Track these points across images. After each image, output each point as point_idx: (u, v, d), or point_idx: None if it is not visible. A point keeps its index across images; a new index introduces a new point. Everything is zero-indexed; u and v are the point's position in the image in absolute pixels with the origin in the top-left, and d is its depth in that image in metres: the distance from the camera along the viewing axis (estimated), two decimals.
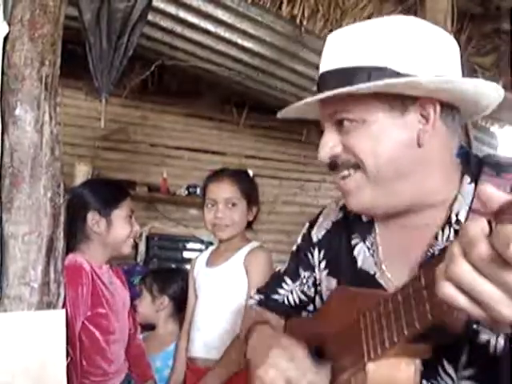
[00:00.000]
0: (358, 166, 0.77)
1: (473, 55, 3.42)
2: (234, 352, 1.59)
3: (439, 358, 0.72)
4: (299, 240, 1.07)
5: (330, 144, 0.80)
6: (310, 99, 0.78)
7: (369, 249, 0.86)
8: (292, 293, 1.04)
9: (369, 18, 3.16)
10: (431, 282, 0.53)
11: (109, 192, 1.66)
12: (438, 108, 0.75)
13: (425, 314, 0.56)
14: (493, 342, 0.69)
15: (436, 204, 0.79)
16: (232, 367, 1.59)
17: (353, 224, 0.91)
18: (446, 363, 0.72)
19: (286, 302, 1.05)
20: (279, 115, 0.89)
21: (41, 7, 1.20)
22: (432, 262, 0.57)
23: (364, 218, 0.89)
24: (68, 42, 1.43)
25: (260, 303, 1.10)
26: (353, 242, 0.89)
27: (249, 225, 1.83)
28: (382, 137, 0.75)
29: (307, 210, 4.31)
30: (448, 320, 0.57)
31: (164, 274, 2.38)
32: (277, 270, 1.13)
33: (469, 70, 3.13)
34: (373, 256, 0.85)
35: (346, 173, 0.79)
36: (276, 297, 1.06)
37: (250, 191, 1.80)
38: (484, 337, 0.69)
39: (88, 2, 1.75)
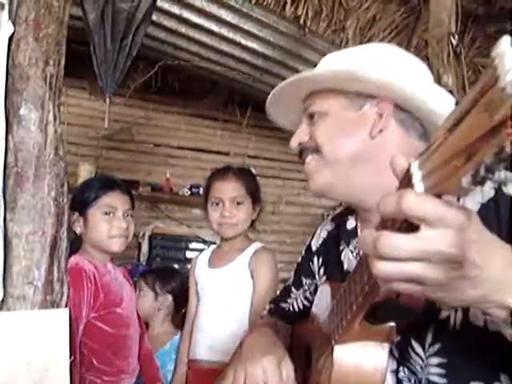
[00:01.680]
0: (317, 150, 0.88)
1: (476, 56, 3.41)
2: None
3: (407, 340, 0.76)
4: (303, 252, 1.16)
5: (300, 134, 0.92)
6: (278, 87, 0.92)
7: (352, 252, 0.94)
8: (297, 300, 1.14)
9: (373, 18, 3.16)
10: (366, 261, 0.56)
11: (85, 190, 1.62)
12: (391, 108, 0.85)
13: (363, 287, 0.58)
14: (453, 316, 0.72)
15: None
16: None
17: (341, 232, 1.00)
18: (414, 343, 0.75)
19: (292, 309, 1.15)
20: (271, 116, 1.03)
21: (45, 7, 1.21)
22: None
23: (348, 226, 0.98)
24: (72, 41, 1.43)
25: (270, 312, 1.19)
26: (340, 248, 0.98)
27: (252, 224, 1.82)
28: (338, 126, 0.87)
29: (310, 210, 4.31)
30: (406, 300, 0.61)
31: (167, 271, 2.37)
32: (287, 284, 1.21)
33: (472, 71, 3.12)
34: (356, 258, 0.92)
35: (309, 157, 0.90)
36: (284, 305, 1.17)
37: (254, 189, 1.79)
38: (445, 313, 0.73)
39: (92, 2, 1.75)
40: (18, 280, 1.15)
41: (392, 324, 0.67)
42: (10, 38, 1.18)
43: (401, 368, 0.77)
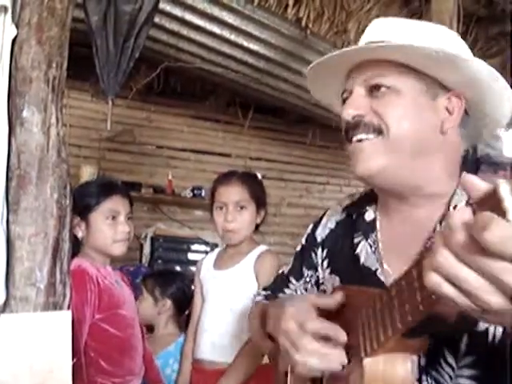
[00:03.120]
0: (379, 130, 0.79)
1: (479, 57, 3.41)
2: (247, 354, 1.59)
3: (440, 348, 0.73)
4: (303, 240, 1.09)
5: (358, 104, 0.81)
6: (355, 47, 0.82)
7: (371, 246, 0.87)
8: (296, 292, 1.06)
9: None
10: (421, 273, 0.53)
11: (86, 194, 1.60)
12: (464, 106, 0.81)
13: (416, 306, 0.56)
14: (491, 329, 0.69)
15: (435, 196, 0.81)
16: (247, 369, 1.60)
17: (356, 223, 0.93)
18: (446, 352, 0.73)
19: None
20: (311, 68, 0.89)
21: (48, 10, 1.21)
22: (424, 253, 0.57)
23: (367, 218, 0.91)
24: (75, 43, 1.44)
25: (267, 298, 1.11)
26: (355, 241, 0.91)
27: (256, 227, 1.83)
28: (412, 111, 0.79)
29: (312, 212, 4.31)
30: (440, 311, 0.57)
31: (165, 276, 2.37)
32: (280, 271, 1.15)
33: None
34: (374, 253, 0.86)
35: (364, 136, 0.80)
36: (281, 295, 1.07)
37: (258, 194, 1.80)
38: (483, 325, 0.70)
39: (95, 5, 1.76)
40: (21, 282, 1.15)
41: (425, 337, 0.66)
42: (13, 41, 1.18)
43: (424, 377, 0.74)
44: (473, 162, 0.83)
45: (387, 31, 0.84)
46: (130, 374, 1.57)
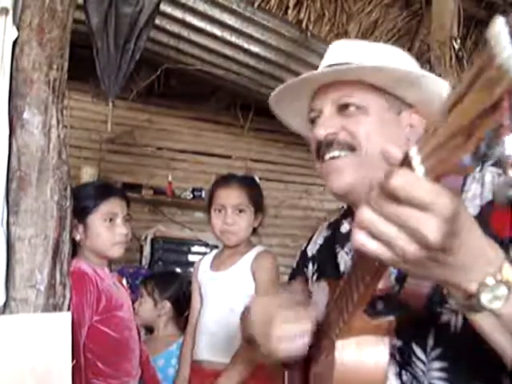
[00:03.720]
0: (352, 148, 0.83)
1: None
2: (243, 355, 1.60)
3: (408, 344, 0.75)
4: (297, 257, 1.14)
5: (329, 123, 0.85)
6: (321, 70, 0.87)
7: (347, 253, 0.93)
8: None
9: (375, 22, 3.17)
10: None
11: (84, 196, 1.58)
12: (423, 122, 0.85)
13: (363, 276, 0.58)
14: (453, 320, 0.72)
15: None
16: (244, 370, 1.61)
17: (336, 237, 0.99)
18: (415, 347, 0.75)
19: None
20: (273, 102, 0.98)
21: (49, 12, 1.22)
22: None
23: (342, 230, 0.97)
24: (75, 45, 1.44)
25: None
26: (336, 251, 0.96)
27: (253, 231, 1.83)
28: (380, 127, 0.83)
29: (312, 213, 4.31)
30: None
31: (165, 277, 2.37)
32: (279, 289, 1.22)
33: None
34: (351, 260, 0.91)
35: (337, 153, 0.84)
36: None
37: (257, 198, 1.81)
38: (446, 317, 0.72)
39: (96, 7, 1.76)
40: (21, 283, 1.15)
41: (391, 318, 0.67)
42: (14, 43, 1.18)
43: (403, 372, 0.77)
44: None
45: (348, 53, 0.89)
46: (127, 375, 1.57)
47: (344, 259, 0.94)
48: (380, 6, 3.18)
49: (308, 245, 1.10)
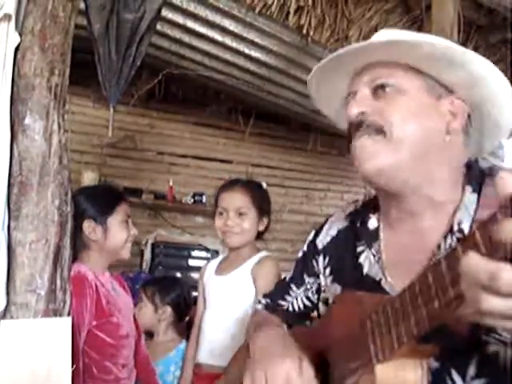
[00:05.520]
0: (381, 130, 0.79)
1: None
2: (242, 359, 1.59)
3: (447, 368, 0.71)
4: (305, 247, 1.08)
5: (363, 102, 0.82)
6: (363, 43, 0.82)
7: (374, 256, 0.86)
8: (297, 299, 1.06)
9: (375, 28, 3.18)
10: (440, 281, 0.53)
11: (103, 198, 1.64)
12: (467, 110, 0.81)
13: (434, 312, 0.55)
14: (502, 353, 0.68)
15: (438, 203, 0.80)
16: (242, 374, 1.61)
17: (359, 231, 0.91)
18: (453, 373, 0.71)
19: (291, 308, 1.07)
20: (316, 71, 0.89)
21: (51, 18, 1.22)
22: (437, 264, 0.56)
23: (370, 226, 0.90)
24: (77, 50, 1.45)
25: (267, 307, 1.12)
26: (358, 250, 0.90)
27: (259, 235, 1.84)
28: (417, 110, 0.79)
29: (313, 218, 4.31)
30: (452, 321, 0.56)
31: (165, 282, 2.37)
32: (282, 277, 1.15)
33: None
34: (378, 263, 0.85)
35: (365, 137, 0.80)
36: (282, 303, 1.08)
37: (260, 201, 1.82)
38: (493, 348, 0.68)
39: (97, 13, 1.77)
40: (21, 288, 1.15)
41: (434, 344, 0.65)
42: (16, 49, 1.19)
43: None
44: (478, 175, 0.80)
45: (391, 36, 0.84)
46: (119, 380, 1.57)
47: (370, 260, 0.87)
48: (380, 12, 3.18)
49: (317, 235, 1.04)
